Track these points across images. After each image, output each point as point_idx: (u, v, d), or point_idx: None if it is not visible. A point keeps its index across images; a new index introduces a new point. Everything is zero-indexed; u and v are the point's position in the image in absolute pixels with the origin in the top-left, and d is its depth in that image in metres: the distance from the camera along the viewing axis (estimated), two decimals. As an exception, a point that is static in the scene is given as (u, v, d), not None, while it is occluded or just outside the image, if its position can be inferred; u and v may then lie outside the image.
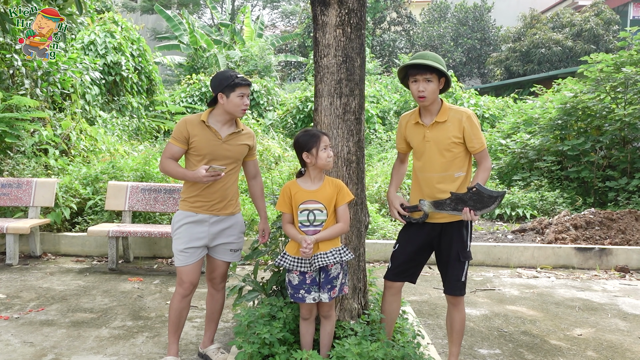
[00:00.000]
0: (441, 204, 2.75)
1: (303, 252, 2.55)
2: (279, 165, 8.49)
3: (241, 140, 3.08)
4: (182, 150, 3.01)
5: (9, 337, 3.55)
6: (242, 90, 2.95)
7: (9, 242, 5.41)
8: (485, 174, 2.77)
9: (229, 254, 3.14)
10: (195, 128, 2.99)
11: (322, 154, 2.61)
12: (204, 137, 2.98)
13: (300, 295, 2.65)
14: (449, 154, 2.77)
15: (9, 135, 6.61)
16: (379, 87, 14.62)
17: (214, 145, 2.99)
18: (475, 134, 2.75)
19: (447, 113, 2.78)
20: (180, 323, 3.10)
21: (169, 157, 3.01)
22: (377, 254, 5.84)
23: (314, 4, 3.03)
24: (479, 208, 2.67)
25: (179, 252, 3.01)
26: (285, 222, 2.73)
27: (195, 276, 3.06)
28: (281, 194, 2.72)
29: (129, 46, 11.31)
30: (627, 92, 7.93)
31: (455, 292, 2.85)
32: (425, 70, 2.73)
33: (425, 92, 2.73)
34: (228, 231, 3.11)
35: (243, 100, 2.97)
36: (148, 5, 28.92)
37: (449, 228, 2.83)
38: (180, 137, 2.99)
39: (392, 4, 25.87)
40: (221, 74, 3.01)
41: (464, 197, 2.68)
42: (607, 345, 3.65)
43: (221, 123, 3.03)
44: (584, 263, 5.83)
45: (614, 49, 20.31)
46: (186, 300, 3.08)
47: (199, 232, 3.02)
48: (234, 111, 2.98)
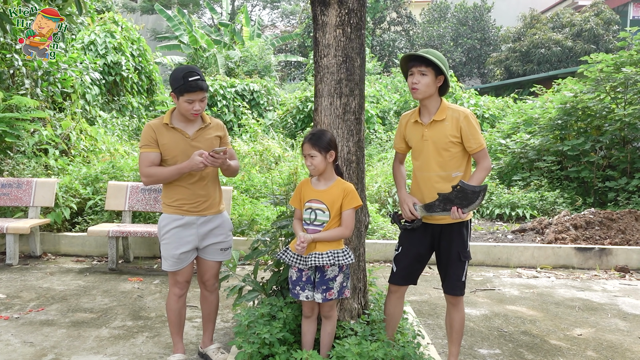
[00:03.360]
0: (431, 206, 2.75)
1: (296, 248, 2.58)
2: (279, 165, 8.49)
3: (210, 133, 3.02)
4: (158, 155, 2.91)
5: (9, 337, 3.55)
6: (191, 96, 2.83)
7: (9, 242, 5.41)
8: (481, 174, 2.74)
9: (219, 253, 3.12)
10: (161, 131, 2.91)
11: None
12: (172, 139, 2.92)
13: (296, 291, 2.70)
14: (446, 153, 2.76)
15: (9, 135, 6.61)
16: (379, 87, 14.62)
17: (184, 145, 2.93)
18: (472, 134, 2.73)
19: (445, 112, 2.77)
20: (181, 322, 3.11)
21: (149, 165, 2.90)
22: (377, 254, 5.84)
23: (314, 4, 3.03)
24: (465, 205, 2.66)
25: (170, 258, 2.98)
26: (295, 217, 2.78)
27: (189, 274, 3.08)
28: (295, 189, 2.79)
29: (129, 46, 11.31)
30: (627, 92, 7.93)
31: (455, 292, 2.84)
32: (421, 62, 2.73)
33: (418, 84, 2.73)
34: (216, 231, 3.08)
35: (193, 105, 2.86)
36: (148, 5, 28.92)
37: (448, 228, 2.82)
38: (151, 142, 2.90)
39: (392, 4, 25.87)
40: (175, 72, 2.87)
41: (450, 197, 2.67)
42: (607, 345, 3.65)
43: (184, 122, 2.96)
44: (584, 263, 5.83)
45: (614, 49, 20.31)
46: (182, 299, 3.09)
47: (188, 235, 2.98)
48: (184, 114, 2.90)
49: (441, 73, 2.75)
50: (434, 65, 2.72)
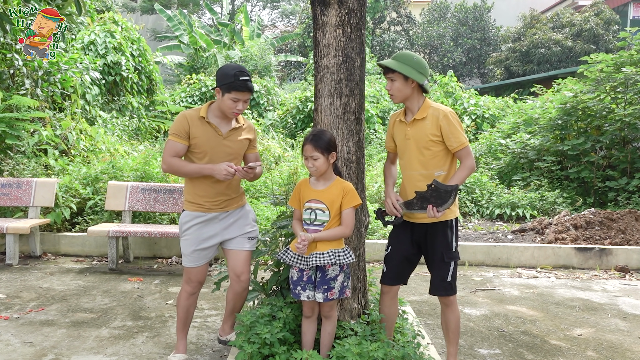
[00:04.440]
0: (410, 204, 2.76)
1: (297, 247, 2.57)
2: (279, 165, 8.49)
3: (242, 135, 3.03)
4: (185, 147, 2.90)
5: (9, 337, 3.55)
6: (238, 95, 2.84)
7: (9, 242, 5.41)
8: (463, 173, 2.74)
9: (247, 242, 3.10)
10: (196, 124, 2.90)
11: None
12: (205, 133, 2.91)
13: (297, 291, 2.69)
14: (427, 152, 2.77)
15: (9, 135, 6.61)
16: (379, 87, 14.61)
17: (215, 142, 2.92)
18: (452, 132, 2.73)
19: (427, 111, 2.79)
20: (188, 320, 3.12)
21: (173, 155, 2.88)
22: (377, 254, 5.84)
23: (314, 4, 3.03)
24: (439, 204, 2.67)
25: (190, 254, 3.00)
26: (295, 218, 2.78)
27: (203, 275, 3.08)
28: (294, 190, 2.78)
29: (129, 46, 11.31)
30: (627, 92, 7.93)
31: (440, 292, 2.85)
32: (387, 70, 2.79)
33: (391, 89, 2.81)
34: (240, 221, 3.09)
35: (236, 105, 2.86)
36: (148, 5, 28.92)
37: (432, 229, 2.83)
38: (182, 133, 2.88)
39: (392, 4, 25.88)
40: (225, 68, 2.89)
41: (426, 195, 2.69)
42: (607, 345, 3.65)
43: (220, 118, 2.96)
44: (584, 263, 5.83)
45: (614, 49, 20.30)
46: (193, 297, 3.10)
47: (210, 231, 3.00)
48: (225, 111, 2.90)
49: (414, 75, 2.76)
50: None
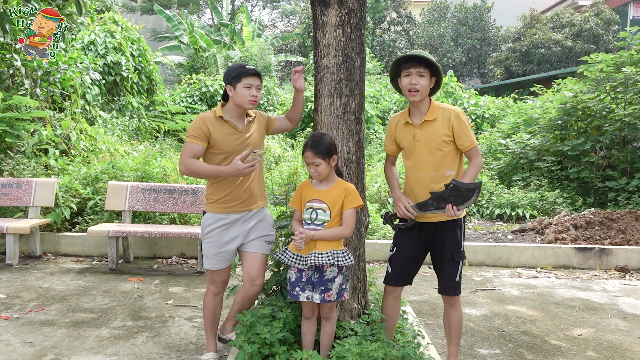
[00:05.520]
0: (425, 205, 2.75)
1: (294, 241, 2.57)
2: (279, 165, 8.49)
3: (257, 125, 3.07)
4: (203, 149, 2.92)
5: (9, 337, 3.55)
6: (249, 80, 2.89)
7: (9, 242, 5.41)
8: (474, 171, 2.75)
9: (264, 245, 3.11)
10: (214, 125, 2.92)
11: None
12: (224, 133, 2.93)
13: (295, 292, 2.68)
14: (439, 152, 2.77)
15: (9, 135, 6.61)
16: (378, 87, 14.62)
17: (236, 140, 2.95)
18: (464, 132, 2.74)
19: (436, 111, 2.78)
20: (215, 320, 3.14)
21: (191, 157, 2.89)
22: (377, 254, 5.84)
23: (314, 4, 3.03)
24: (460, 202, 2.67)
25: (212, 257, 3.01)
26: (295, 219, 2.78)
27: (227, 275, 3.11)
28: (296, 191, 2.80)
29: (129, 46, 11.31)
30: (627, 92, 7.93)
31: (449, 291, 2.85)
32: (420, 63, 2.72)
33: (418, 85, 2.71)
34: (260, 224, 3.10)
35: (250, 91, 2.90)
36: (148, 5, 28.92)
37: (442, 228, 2.82)
38: (201, 135, 2.89)
39: (392, 4, 25.87)
40: (230, 66, 2.99)
41: (444, 195, 2.68)
42: (607, 345, 3.65)
43: (235, 117, 2.99)
44: (584, 263, 5.83)
45: (614, 49, 20.29)
46: (219, 297, 3.12)
47: (232, 233, 3.01)
48: (242, 103, 2.91)
49: (434, 74, 2.76)
50: (431, 66, 2.73)
